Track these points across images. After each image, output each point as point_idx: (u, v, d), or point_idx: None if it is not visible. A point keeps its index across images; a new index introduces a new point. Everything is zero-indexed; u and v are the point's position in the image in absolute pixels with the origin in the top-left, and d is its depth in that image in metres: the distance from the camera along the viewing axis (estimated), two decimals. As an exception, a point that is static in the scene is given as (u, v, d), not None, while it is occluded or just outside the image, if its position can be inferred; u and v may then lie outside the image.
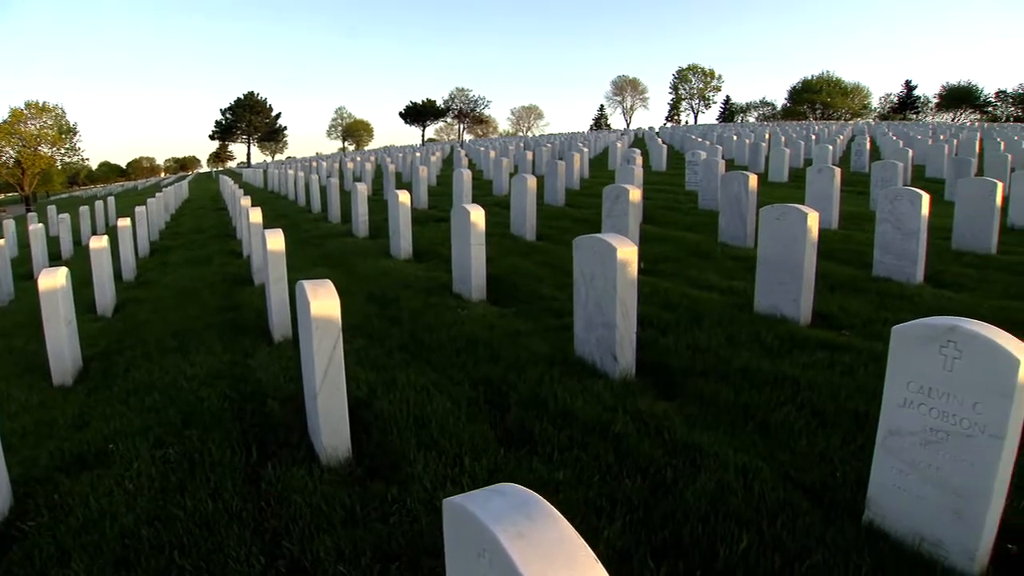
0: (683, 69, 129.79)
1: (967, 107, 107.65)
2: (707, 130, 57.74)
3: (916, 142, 32.45)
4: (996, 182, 10.82)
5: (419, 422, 5.07)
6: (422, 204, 20.59)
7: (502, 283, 9.55)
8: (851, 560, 3.40)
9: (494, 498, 1.87)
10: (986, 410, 3.21)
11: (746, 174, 11.78)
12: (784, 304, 7.36)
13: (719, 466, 4.26)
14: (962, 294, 8.52)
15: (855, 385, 5.40)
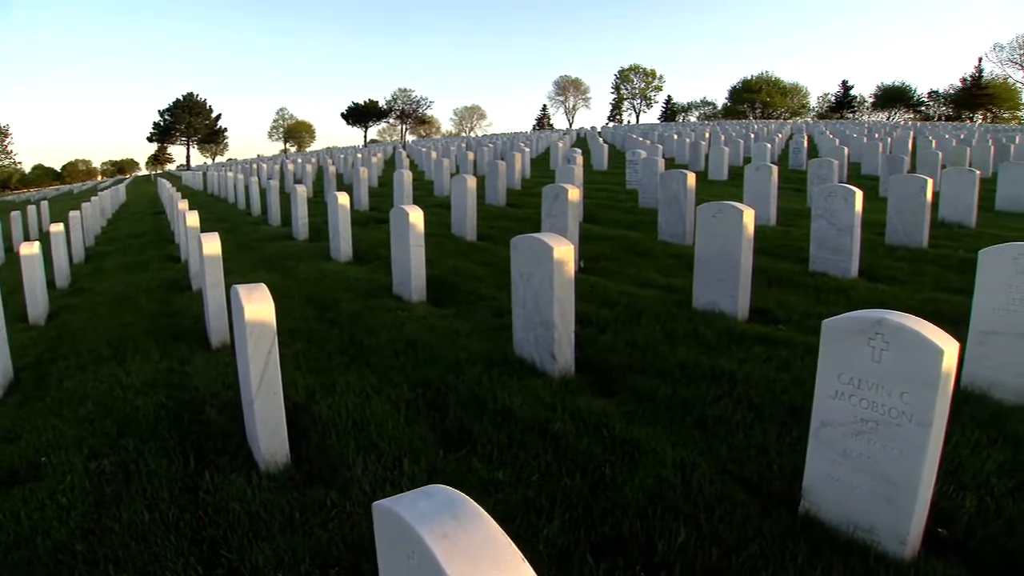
0: (625, 69, 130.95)
1: (901, 106, 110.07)
2: (648, 129, 58.22)
3: (852, 140, 33.09)
4: (927, 179, 11.07)
5: (358, 425, 5.03)
6: (363, 206, 20.45)
7: (442, 284, 9.52)
8: (787, 549, 3.45)
9: (421, 500, 1.88)
10: (913, 399, 3.29)
11: (685, 172, 11.89)
12: (722, 300, 7.44)
13: (657, 461, 4.30)
14: (895, 287, 8.69)
15: (791, 378, 5.48)
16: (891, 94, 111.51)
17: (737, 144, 30.79)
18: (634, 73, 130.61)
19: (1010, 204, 16.21)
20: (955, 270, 9.24)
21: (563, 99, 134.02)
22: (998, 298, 5.35)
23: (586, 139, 50.16)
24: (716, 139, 35.68)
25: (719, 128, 53.19)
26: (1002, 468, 4.25)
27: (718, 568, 3.36)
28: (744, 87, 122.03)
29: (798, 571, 3.31)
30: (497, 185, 18.45)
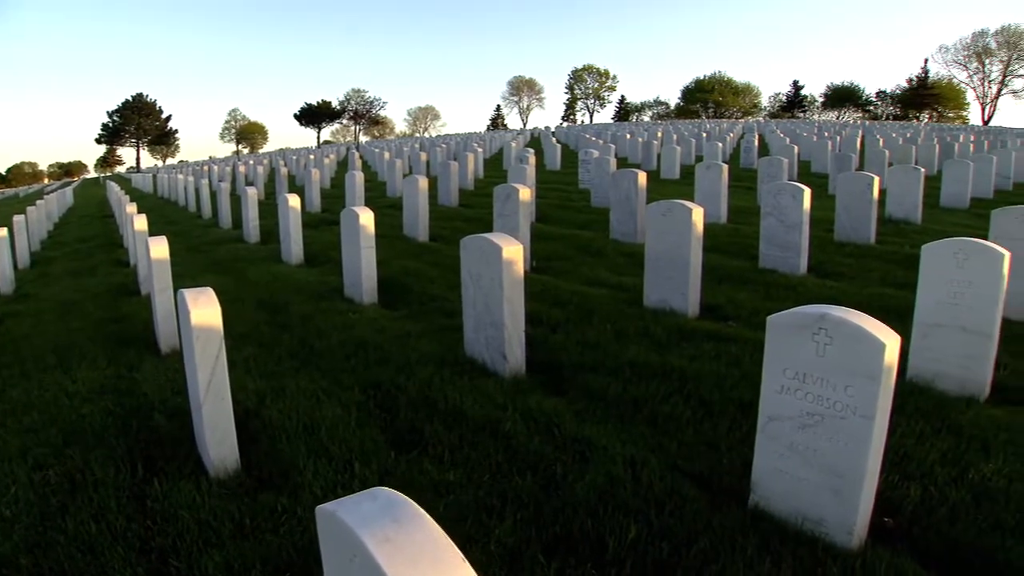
0: (578, 69, 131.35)
1: (850, 106, 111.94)
2: (602, 129, 58.48)
3: (802, 139, 33.60)
4: (874, 176, 11.26)
5: (309, 429, 4.97)
6: (315, 207, 20.32)
7: (394, 285, 9.47)
8: (737, 543, 3.48)
9: (364, 503, 1.86)
10: (856, 392, 3.34)
11: (636, 172, 11.97)
12: (672, 297, 7.49)
13: (608, 459, 4.31)
14: (843, 283, 8.82)
15: (740, 374, 5.53)
16: (841, 94, 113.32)
17: (689, 143, 31.04)
18: (588, 73, 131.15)
19: (954, 201, 16.56)
20: (901, 265, 9.40)
21: (517, 99, 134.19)
22: (940, 292, 5.45)
23: (540, 139, 50.33)
24: (669, 138, 35.97)
25: (672, 128, 53.69)
26: (945, 457, 4.34)
27: (668, 563, 3.37)
28: (697, 87, 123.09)
29: (747, 564, 3.33)
30: (449, 186, 18.43)
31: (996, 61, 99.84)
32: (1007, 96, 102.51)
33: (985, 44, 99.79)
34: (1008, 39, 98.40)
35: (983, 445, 4.52)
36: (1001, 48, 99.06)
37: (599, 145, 30.34)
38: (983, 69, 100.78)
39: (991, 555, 3.45)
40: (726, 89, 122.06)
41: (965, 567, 3.42)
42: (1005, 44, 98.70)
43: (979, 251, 5.28)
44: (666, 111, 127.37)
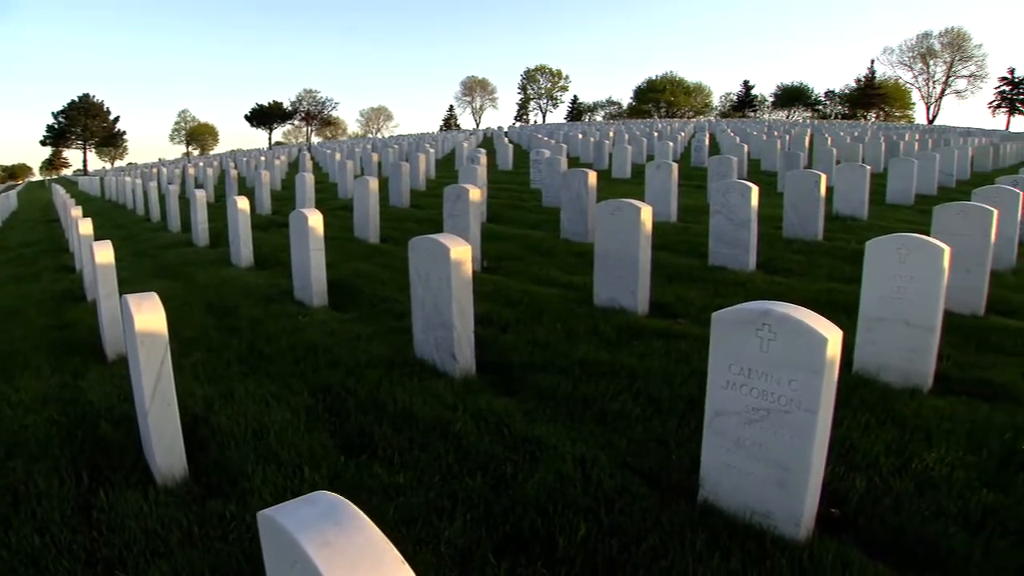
0: (531, 69, 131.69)
1: (800, 105, 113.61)
2: (554, 129, 58.63)
3: (752, 138, 34.05)
4: (820, 174, 11.44)
5: (257, 435, 4.91)
6: (265, 209, 20.12)
7: (344, 287, 9.41)
8: (686, 538, 3.50)
9: (304, 508, 1.86)
10: (800, 387, 3.38)
11: (586, 171, 12.02)
12: (622, 296, 7.53)
13: (558, 458, 4.31)
14: (791, 279, 8.94)
15: (689, 370, 5.57)
16: (790, 94, 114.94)
17: (641, 143, 31.24)
18: (540, 73, 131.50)
19: (899, 197, 16.86)
20: (848, 261, 9.54)
21: (470, 100, 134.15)
22: (884, 286, 5.54)
23: (492, 139, 50.33)
24: (620, 138, 36.20)
25: (624, 127, 54.03)
26: (890, 448, 4.42)
27: (618, 560, 3.39)
28: (649, 87, 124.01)
29: (697, 558, 3.35)
30: (401, 187, 18.35)
31: (940, 62, 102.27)
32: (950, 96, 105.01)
33: (929, 46, 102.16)
34: (951, 41, 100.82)
35: (926, 435, 4.61)
36: (945, 50, 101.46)
37: (551, 145, 30.43)
38: (927, 70, 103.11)
39: (934, 542, 3.52)
40: (678, 89, 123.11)
41: (909, 555, 3.48)
42: (948, 46, 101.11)
43: (920, 246, 5.38)
44: (618, 111, 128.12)
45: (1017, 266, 9.70)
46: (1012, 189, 9.70)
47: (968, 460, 4.30)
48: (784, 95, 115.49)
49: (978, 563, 3.37)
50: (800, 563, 3.30)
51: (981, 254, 7.29)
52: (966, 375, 5.77)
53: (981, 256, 7.29)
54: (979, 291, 7.37)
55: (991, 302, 7.59)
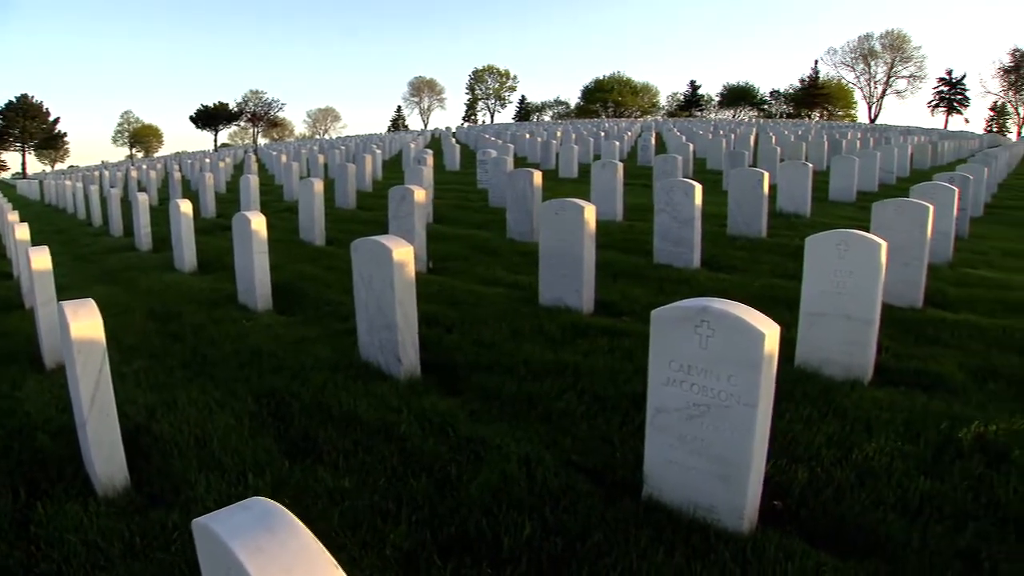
0: (479, 70, 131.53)
1: (746, 105, 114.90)
2: (502, 129, 58.69)
3: (698, 137, 34.39)
4: (763, 172, 11.57)
5: (201, 442, 4.82)
6: (209, 213, 19.86)
7: (289, 291, 9.32)
8: (631, 534, 3.52)
9: (238, 514, 1.85)
10: (739, 382, 3.41)
11: (531, 171, 12.04)
12: (567, 295, 7.55)
13: (502, 458, 4.30)
14: (735, 276, 9.03)
15: (634, 368, 5.60)
16: (736, 93, 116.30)
17: (588, 142, 31.33)
18: (488, 74, 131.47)
19: (842, 194, 17.16)
20: (791, 257, 9.66)
21: (418, 100, 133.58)
22: (824, 282, 5.62)
23: (440, 140, 50.23)
24: (568, 138, 36.33)
25: (571, 127, 54.26)
26: (831, 440, 4.49)
27: (563, 558, 3.39)
28: (597, 87, 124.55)
29: (641, 554, 3.36)
30: (347, 188, 18.23)
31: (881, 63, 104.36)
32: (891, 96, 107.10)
33: (871, 47, 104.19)
34: (892, 43, 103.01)
35: (866, 426, 4.70)
36: (885, 51, 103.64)
37: (498, 145, 30.45)
38: (869, 70, 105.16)
39: (874, 530, 3.59)
40: (625, 89, 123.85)
41: (850, 543, 3.54)
42: (889, 47, 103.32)
43: (859, 242, 5.46)
44: (567, 111, 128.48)
45: (953, 260, 9.93)
46: (948, 186, 9.92)
47: (906, 449, 4.39)
48: (730, 95, 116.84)
49: (916, 548, 3.44)
50: (743, 555, 3.35)
51: (918, 248, 7.43)
52: (905, 366, 5.89)
53: (918, 250, 7.43)
54: (917, 284, 7.52)
55: (929, 295, 7.76)
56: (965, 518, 3.71)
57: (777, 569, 3.24)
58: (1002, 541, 3.53)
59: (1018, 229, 14.62)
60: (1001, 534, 3.59)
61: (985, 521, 3.69)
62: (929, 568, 3.32)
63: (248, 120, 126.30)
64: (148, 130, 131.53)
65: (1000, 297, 8.11)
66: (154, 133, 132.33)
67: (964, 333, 6.75)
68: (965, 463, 4.24)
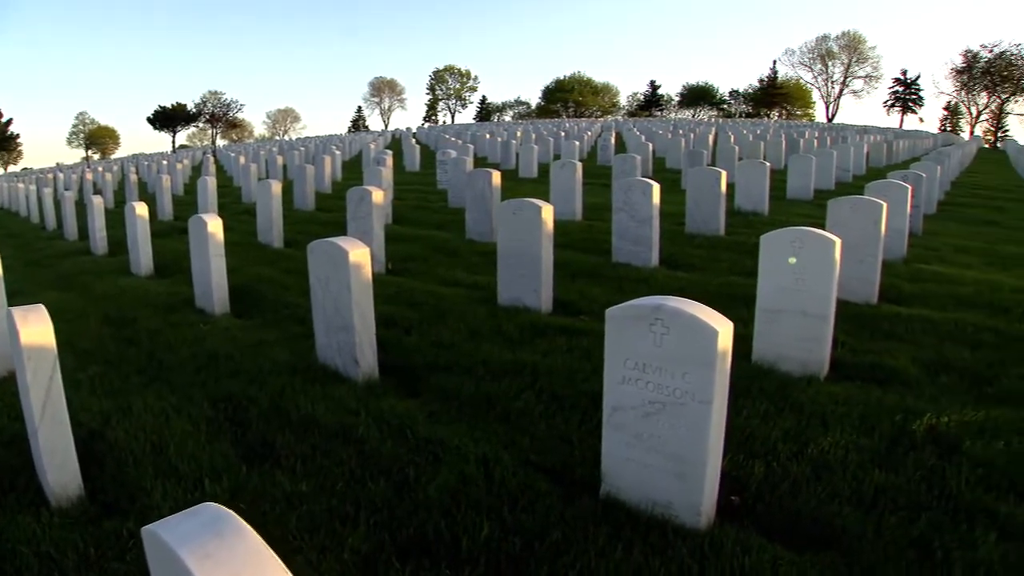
0: (440, 70, 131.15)
1: (705, 105, 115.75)
2: (462, 129, 58.67)
3: (658, 137, 34.59)
4: (721, 171, 11.66)
5: (157, 448, 4.76)
6: (167, 215, 19.62)
7: (247, 293, 9.23)
8: (589, 532, 3.53)
9: (187, 521, 1.84)
10: (694, 379, 3.43)
11: (490, 172, 12.05)
12: (526, 295, 7.57)
13: (461, 458, 4.30)
14: (693, 274, 9.09)
15: (592, 367, 5.61)
16: (696, 93, 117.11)
17: (548, 142, 31.36)
18: (449, 74, 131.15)
19: (799, 192, 17.34)
20: (749, 255, 9.71)
21: (378, 100, 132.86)
22: (780, 279, 5.68)
23: (400, 140, 50.12)
24: (528, 138, 36.35)
25: (531, 127, 54.37)
26: (787, 434, 4.54)
27: (522, 557, 3.40)
28: (557, 87, 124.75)
29: (599, 552, 3.38)
30: (305, 189, 18.10)
31: (838, 63, 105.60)
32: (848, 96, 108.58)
33: (828, 48, 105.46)
34: (848, 43, 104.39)
35: (822, 420, 4.75)
36: (842, 51, 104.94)
37: (458, 146, 30.42)
38: (826, 71, 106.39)
39: (830, 522, 3.63)
40: (586, 89, 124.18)
41: (806, 536, 3.58)
42: (846, 48, 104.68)
43: (813, 239, 5.52)
44: (527, 111, 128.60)
45: (908, 256, 10.07)
46: (902, 184, 10.06)
47: (861, 442, 4.46)
48: (690, 95, 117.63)
49: (870, 540, 3.49)
50: (701, 551, 3.37)
51: (873, 245, 7.52)
52: (860, 361, 5.97)
53: (873, 247, 7.53)
54: (872, 281, 7.62)
55: (884, 291, 7.86)
56: (918, 509, 3.77)
57: (734, 563, 3.27)
58: (954, 530, 3.58)
59: (970, 226, 14.88)
60: (953, 523, 3.65)
61: (937, 511, 3.76)
62: (883, 559, 3.37)
63: (207, 121, 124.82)
64: (104, 131, 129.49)
65: (952, 292, 8.24)
66: (110, 135, 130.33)
67: (918, 327, 6.85)
68: (918, 455, 4.32)
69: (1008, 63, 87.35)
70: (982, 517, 3.71)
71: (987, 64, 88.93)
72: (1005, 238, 13.39)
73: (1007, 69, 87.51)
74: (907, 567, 3.33)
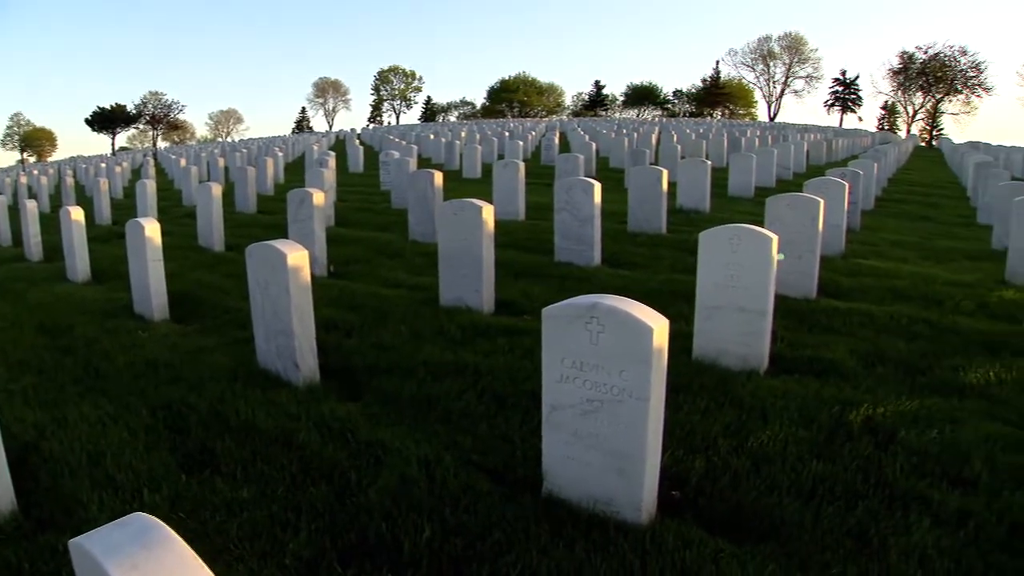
0: (384, 70, 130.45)
1: (650, 104, 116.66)
2: (407, 130, 58.50)
3: (601, 136, 34.81)
4: (663, 170, 11.78)
5: (94, 460, 4.64)
6: (104, 219, 19.24)
7: (187, 299, 9.09)
8: (531, 531, 3.53)
9: (115, 532, 1.81)
10: (631, 376, 3.46)
11: (432, 172, 12.01)
12: (467, 295, 7.56)
13: (402, 461, 4.28)
14: (635, 272, 9.17)
15: (532, 366, 5.61)
16: (640, 93, 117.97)
17: (492, 143, 31.42)
18: (394, 74, 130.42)
19: (740, 190, 17.61)
20: (690, 252, 9.81)
21: (323, 101, 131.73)
22: (718, 275, 5.74)
23: (344, 142, 49.79)
24: (472, 138, 36.34)
25: (476, 127, 54.32)
26: (728, 429, 4.61)
27: (463, 558, 3.39)
28: (502, 87, 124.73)
29: (541, 550, 3.38)
30: (247, 192, 17.89)
31: (779, 64, 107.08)
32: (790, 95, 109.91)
33: (769, 48, 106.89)
34: (789, 44, 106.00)
35: (762, 414, 4.83)
36: (784, 52, 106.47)
37: (402, 146, 30.32)
38: (768, 71, 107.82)
39: (770, 514, 3.69)
40: (531, 89, 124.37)
41: (747, 528, 3.63)
42: (787, 48, 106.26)
43: (750, 236, 5.59)
44: (472, 111, 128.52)
45: (845, 251, 10.27)
46: (839, 181, 10.25)
47: (800, 435, 4.54)
48: (634, 94, 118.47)
49: (809, 529, 3.55)
50: (642, 546, 3.39)
51: (811, 241, 7.64)
52: (799, 355, 6.07)
53: (811, 243, 7.65)
54: (811, 276, 7.74)
55: (822, 285, 8.01)
56: (855, 498, 3.85)
57: (675, 558, 3.30)
58: (890, 517, 3.67)
59: (906, 221, 15.23)
60: (889, 511, 3.74)
61: (874, 499, 3.84)
62: (822, 548, 3.43)
63: (147, 123, 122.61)
64: (40, 133, 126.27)
65: (889, 285, 8.43)
66: (47, 137, 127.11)
67: (855, 321, 6.99)
68: (855, 445, 4.42)
69: (942, 64, 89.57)
70: (916, 504, 3.80)
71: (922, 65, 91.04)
72: (939, 232, 13.75)
73: (941, 70, 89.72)
74: (845, 555, 3.39)
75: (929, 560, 3.34)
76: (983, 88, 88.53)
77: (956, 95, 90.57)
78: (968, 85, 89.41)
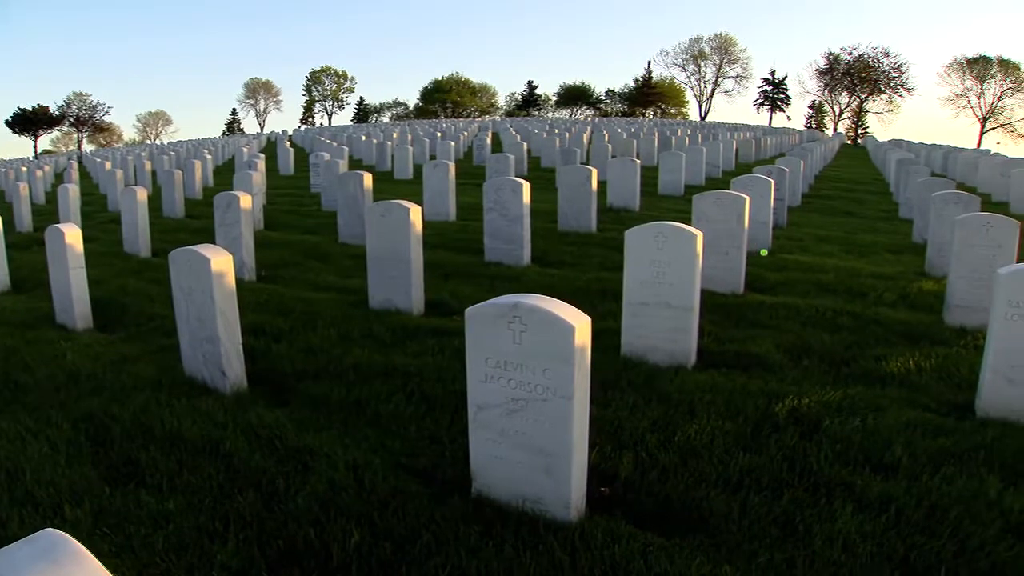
0: (316, 71, 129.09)
1: (582, 104, 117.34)
2: (338, 131, 57.97)
3: (533, 136, 34.93)
4: (591, 169, 11.86)
5: (12, 476, 4.49)
6: (25, 226, 18.66)
7: (111, 307, 8.87)
8: (460, 532, 3.53)
9: (22, 549, 1.77)
10: (554, 375, 3.48)
11: (361, 173, 11.95)
12: (397, 297, 7.54)
13: (330, 466, 4.25)
14: (565, 270, 9.22)
15: (461, 367, 5.52)
16: (573, 93, 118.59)
17: (424, 143, 31.32)
18: (326, 75, 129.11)
19: (670, 188, 17.84)
20: (619, 251, 9.80)
21: (254, 102, 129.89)
22: (644, 272, 5.81)
23: (276, 143, 49.19)
24: (403, 139, 36.18)
25: (408, 128, 54.08)
26: (656, 424, 4.67)
27: (393, 562, 3.38)
28: (435, 87, 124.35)
29: (471, 551, 3.38)
30: (174, 196, 17.52)
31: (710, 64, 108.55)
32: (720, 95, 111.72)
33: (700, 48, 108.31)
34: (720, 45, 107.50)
35: (690, 408, 4.91)
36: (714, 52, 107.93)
37: (332, 148, 30.01)
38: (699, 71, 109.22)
39: (697, 506, 3.75)
40: (464, 89, 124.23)
41: (676, 521, 3.69)
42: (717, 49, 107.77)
43: (675, 234, 5.67)
44: (405, 112, 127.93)
45: (772, 246, 10.45)
46: (764, 178, 10.45)
47: (727, 427, 4.63)
48: (567, 94, 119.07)
49: (736, 519, 3.62)
50: (572, 543, 3.42)
51: (737, 237, 7.78)
52: (726, 349, 6.18)
53: (737, 239, 7.78)
54: (738, 271, 7.87)
55: (749, 280, 8.15)
56: (781, 487, 3.94)
57: (605, 554, 3.33)
58: (814, 505, 3.76)
59: (831, 216, 15.58)
60: (813, 499, 3.83)
61: (799, 488, 3.94)
62: (749, 537, 3.50)
63: (71, 125, 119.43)
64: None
65: (814, 279, 8.61)
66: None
67: (781, 314, 7.13)
68: (781, 436, 4.52)
69: (866, 65, 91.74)
70: (840, 491, 3.90)
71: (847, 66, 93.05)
72: (863, 228, 14.09)
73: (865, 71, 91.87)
74: (771, 543, 3.46)
75: (852, 545, 3.43)
76: (905, 88, 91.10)
77: (880, 95, 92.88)
78: (891, 85, 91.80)
